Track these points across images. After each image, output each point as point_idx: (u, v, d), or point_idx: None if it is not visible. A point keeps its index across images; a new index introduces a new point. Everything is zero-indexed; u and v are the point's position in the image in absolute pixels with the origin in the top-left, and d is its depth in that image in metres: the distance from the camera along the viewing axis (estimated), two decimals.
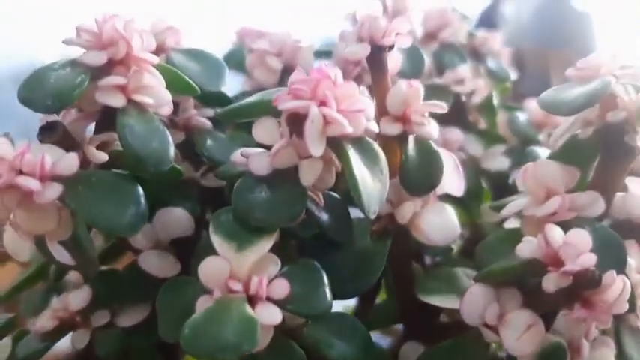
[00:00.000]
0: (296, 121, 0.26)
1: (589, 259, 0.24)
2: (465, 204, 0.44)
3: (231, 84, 0.46)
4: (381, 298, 0.44)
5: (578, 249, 0.24)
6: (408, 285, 0.33)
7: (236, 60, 0.45)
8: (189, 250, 0.31)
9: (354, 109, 0.26)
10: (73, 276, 0.34)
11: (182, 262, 0.32)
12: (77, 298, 0.31)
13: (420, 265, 0.42)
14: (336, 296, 0.31)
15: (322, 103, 0.25)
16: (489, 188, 0.47)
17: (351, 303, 0.45)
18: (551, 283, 0.24)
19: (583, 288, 0.24)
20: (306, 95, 0.25)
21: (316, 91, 0.25)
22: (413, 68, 0.42)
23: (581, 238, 0.25)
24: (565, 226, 0.27)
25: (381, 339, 0.49)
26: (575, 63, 0.31)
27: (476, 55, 0.52)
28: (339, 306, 0.45)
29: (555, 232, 0.25)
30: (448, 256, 0.43)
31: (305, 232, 0.32)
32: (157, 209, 0.32)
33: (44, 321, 0.31)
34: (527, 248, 0.26)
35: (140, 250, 0.31)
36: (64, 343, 0.33)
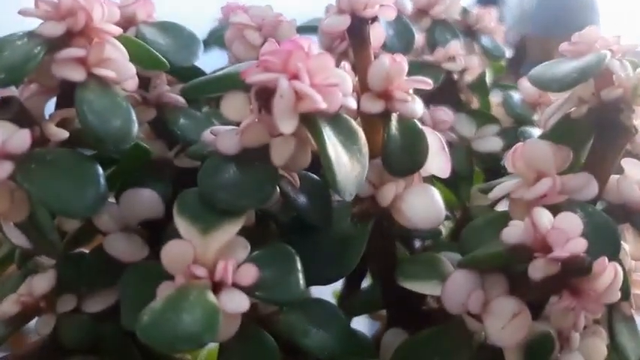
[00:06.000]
0: (266, 96, 0.24)
1: (579, 245, 0.22)
2: (455, 186, 0.43)
3: (220, 62, 0.44)
4: (368, 281, 0.43)
5: (568, 234, 0.23)
6: (390, 270, 0.31)
7: (220, 36, 0.44)
8: (160, 233, 0.30)
9: (329, 83, 0.24)
10: (44, 259, 0.33)
11: (153, 246, 0.30)
12: (41, 282, 0.29)
13: (407, 249, 0.41)
14: (314, 282, 0.30)
15: (294, 77, 0.24)
16: (482, 170, 0.45)
17: (338, 286, 0.44)
18: (537, 270, 0.23)
19: (572, 275, 0.23)
20: (277, 68, 0.24)
21: (287, 64, 0.24)
22: (402, 44, 0.40)
23: (571, 222, 0.23)
24: (556, 209, 0.25)
25: (369, 325, 0.48)
26: None
27: (470, 32, 0.50)
28: (328, 290, 0.44)
29: (543, 216, 0.24)
30: (437, 240, 0.41)
31: (284, 215, 0.31)
32: (127, 190, 0.30)
33: (8, 306, 0.30)
34: (513, 233, 0.24)
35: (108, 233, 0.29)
36: None
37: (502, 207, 0.37)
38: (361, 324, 0.45)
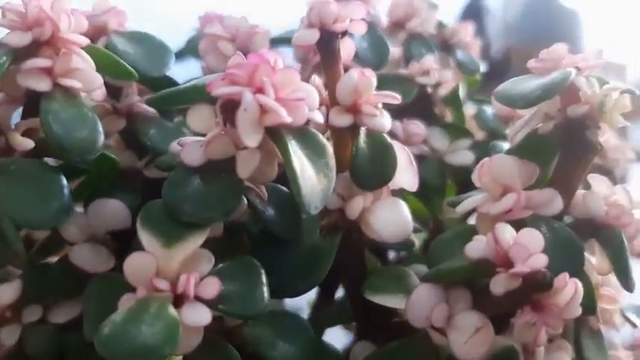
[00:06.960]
0: (231, 109, 0.24)
1: (540, 261, 0.23)
2: (427, 199, 0.43)
3: (197, 72, 0.44)
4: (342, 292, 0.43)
5: (530, 249, 0.23)
6: (359, 282, 0.31)
7: (196, 46, 0.44)
8: (128, 244, 0.29)
9: (295, 97, 0.24)
10: (14, 269, 0.33)
11: (121, 257, 0.30)
12: (6, 292, 0.29)
13: (381, 261, 0.41)
14: (283, 294, 0.30)
15: (259, 90, 0.24)
16: (454, 183, 0.46)
17: (314, 296, 0.44)
18: (499, 285, 0.23)
19: (533, 291, 0.23)
20: (242, 81, 0.24)
21: (253, 77, 0.24)
22: (376, 57, 0.40)
23: (533, 237, 0.23)
24: (521, 224, 0.26)
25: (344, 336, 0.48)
26: None
27: (445, 46, 0.51)
28: (304, 300, 0.44)
29: (506, 231, 0.24)
30: (410, 251, 0.41)
31: (254, 227, 0.31)
32: (94, 200, 0.30)
33: None
34: (477, 247, 0.24)
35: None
36: None
37: (474, 220, 0.37)
38: (336, 335, 0.44)
